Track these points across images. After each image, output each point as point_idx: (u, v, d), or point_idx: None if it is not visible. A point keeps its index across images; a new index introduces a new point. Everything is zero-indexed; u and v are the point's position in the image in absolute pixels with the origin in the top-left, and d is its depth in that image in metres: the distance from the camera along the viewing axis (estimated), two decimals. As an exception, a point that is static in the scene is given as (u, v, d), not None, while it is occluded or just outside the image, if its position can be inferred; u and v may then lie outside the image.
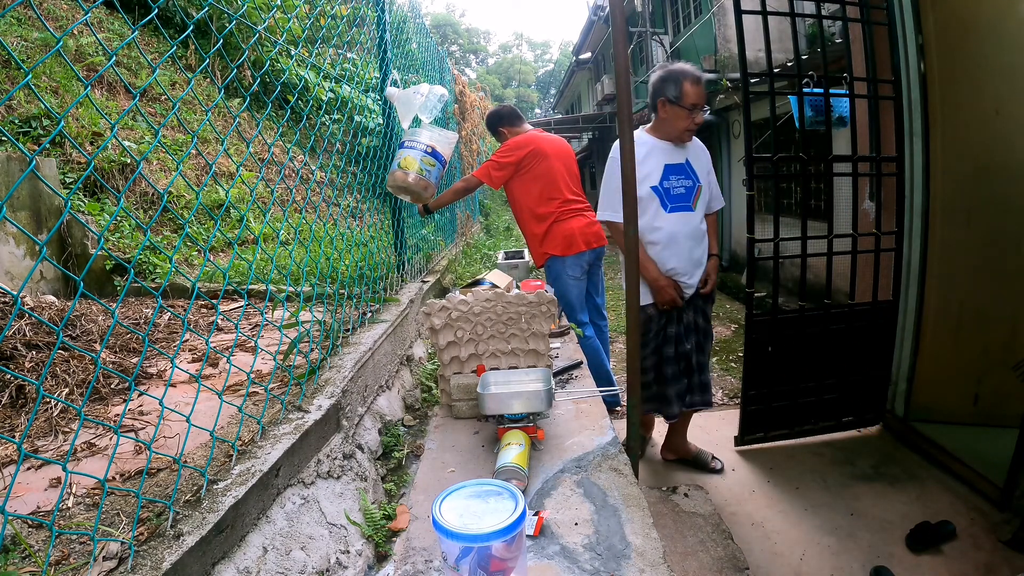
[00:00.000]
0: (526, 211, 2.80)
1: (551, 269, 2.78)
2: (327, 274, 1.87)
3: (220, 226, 2.78)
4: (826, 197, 2.47)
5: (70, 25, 3.67)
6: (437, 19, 42.25)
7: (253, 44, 4.12)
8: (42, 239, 1.35)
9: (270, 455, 0.97)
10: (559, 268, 2.73)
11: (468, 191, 2.95)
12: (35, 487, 0.95)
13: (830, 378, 2.54)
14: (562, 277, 2.72)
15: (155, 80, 3.11)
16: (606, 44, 14.54)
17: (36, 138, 2.96)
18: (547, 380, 1.30)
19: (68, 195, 0.75)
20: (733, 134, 8.19)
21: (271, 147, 1.65)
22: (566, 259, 2.71)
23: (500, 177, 2.74)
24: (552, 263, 2.76)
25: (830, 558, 1.89)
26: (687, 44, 9.31)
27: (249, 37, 4.56)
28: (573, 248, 2.69)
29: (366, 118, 3.98)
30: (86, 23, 0.91)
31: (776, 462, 2.49)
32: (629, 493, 1.06)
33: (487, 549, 0.70)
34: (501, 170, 2.72)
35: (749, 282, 2.42)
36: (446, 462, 1.23)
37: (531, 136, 2.79)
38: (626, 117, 1.42)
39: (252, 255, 2.80)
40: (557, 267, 2.74)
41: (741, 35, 2.25)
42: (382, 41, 2.41)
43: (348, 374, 1.36)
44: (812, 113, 2.64)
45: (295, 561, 0.91)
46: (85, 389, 1.30)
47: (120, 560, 0.73)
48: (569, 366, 1.79)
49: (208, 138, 3.94)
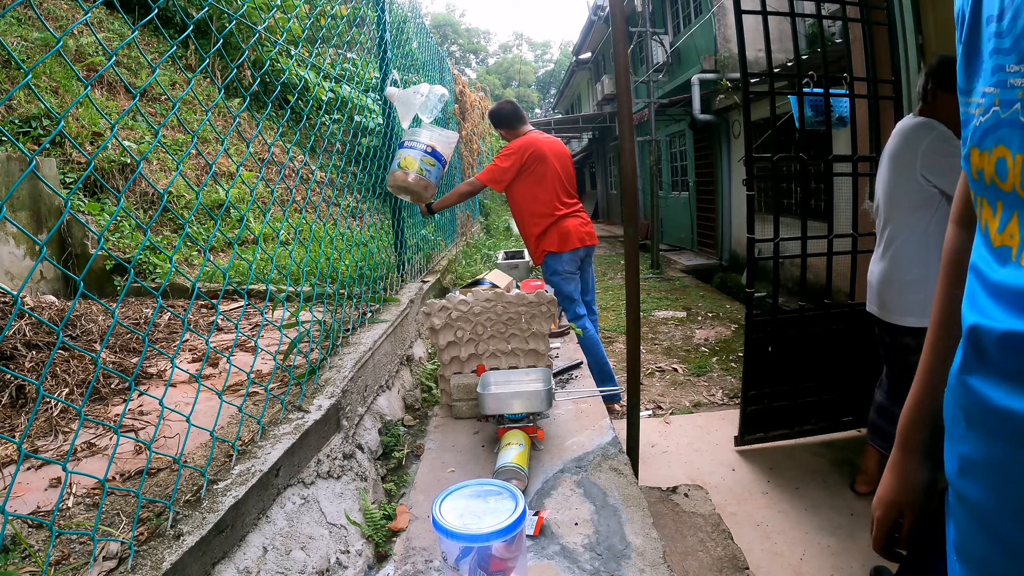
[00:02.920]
0: (525, 212, 2.91)
1: (548, 265, 2.91)
2: (327, 274, 1.87)
3: (220, 226, 2.78)
4: (826, 197, 2.47)
5: (70, 25, 3.67)
6: (437, 19, 42.26)
7: (253, 44, 4.12)
8: (42, 239, 1.35)
9: (270, 455, 0.97)
10: (556, 264, 2.87)
11: (472, 194, 3.05)
12: (35, 487, 0.95)
13: (830, 378, 2.54)
14: (559, 272, 2.86)
15: (155, 80, 3.11)
16: (606, 44, 14.54)
17: (36, 138, 2.96)
18: (547, 380, 1.30)
19: (68, 195, 0.75)
20: (733, 134, 8.19)
21: (271, 147, 1.65)
22: (562, 255, 2.86)
23: (504, 180, 2.84)
24: (549, 259, 2.90)
25: (830, 558, 1.89)
26: (687, 44, 9.31)
27: (249, 37, 4.56)
28: (568, 245, 2.85)
29: (366, 118, 3.98)
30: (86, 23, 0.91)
31: (776, 462, 2.49)
32: (629, 493, 1.06)
33: (487, 549, 0.70)
34: (504, 174, 2.82)
35: (749, 282, 2.42)
36: (446, 462, 1.23)
37: (531, 139, 2.84)
38: (626, 117, 1.42)
39: (252, 255, 2.80)
40: (554, 263, 2.88)
41: (741, 35, 2.25)
42: (382, 41, 2.41)
43: (348, 374, 1.36)
44: (812, 113, 2.65)
45: (295, 561, 0.91)
46: (85, 389, 1.30)
47: (120, 560, 0.73)
48: (569, 366, 1.79)
49: (208, 138, 3.94)
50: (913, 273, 1.84)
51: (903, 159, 1.81)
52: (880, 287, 1.95)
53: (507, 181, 2.83)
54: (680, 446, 2.73)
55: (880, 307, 1.95)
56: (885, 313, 1.93)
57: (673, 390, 3.55)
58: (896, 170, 1.85)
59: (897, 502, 0.72)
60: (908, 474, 0.71)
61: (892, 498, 0.72)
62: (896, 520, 0.72)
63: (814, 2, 2.38)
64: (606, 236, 13.23)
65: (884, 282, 1.93)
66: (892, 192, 1.87)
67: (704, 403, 3.32)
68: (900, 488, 0.72)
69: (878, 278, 1.96)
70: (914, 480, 0.71)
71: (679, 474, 2.47)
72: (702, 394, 3.45)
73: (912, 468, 0.72)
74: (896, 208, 1.87)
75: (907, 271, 1.85)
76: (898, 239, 1.88)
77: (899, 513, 0.72)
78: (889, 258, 1.91)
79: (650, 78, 9.09)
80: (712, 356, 4.16)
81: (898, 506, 0.72)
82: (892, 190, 1.87)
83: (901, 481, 0.72)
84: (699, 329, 4.96)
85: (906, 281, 1.86)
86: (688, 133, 9.78)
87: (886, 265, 1.92)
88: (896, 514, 0.72)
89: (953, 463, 0.53)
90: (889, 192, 1.88)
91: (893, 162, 1.86)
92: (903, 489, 0.72)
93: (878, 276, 1.96)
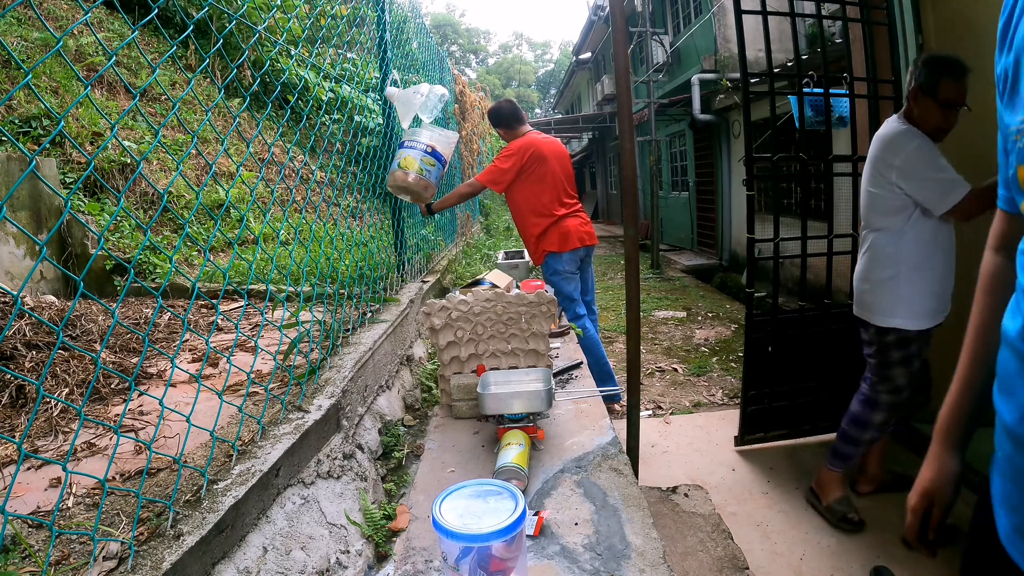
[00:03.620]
0: (526, 212, 2.91)
1: (548, 265, 2.91)
2: (327, 274, 1.87)
3: (220, 226, 2.78)
4: (826, 197, 2.47)
5: (70, 25, 3.67)
6: (437, 19, 42.26)
7: (253, 44, 4.12)
8: (42, 239, 1.35)
9: (270, 455, 0.97)
10: (556, 264, 2.87)
11: (472, 195, 3.07)
12: (35, 487, 0.95)
13: (830, 378, 2.54)
14: (559, 272, 2.86)
15: (155, 80, 3.11)
16: (606, 44, 14.54)
17: (36, 138, 2.96)
18: (547, 380, 1.30)
19: (68, 195, 0.75)
20: (733, 134, 8.19)
21: (271, 147, 1.65)
22: (562, 255, 2.86)
23: (504, 181, 2.85)
24: (549, 259, 2.90)
25: (830, 558, 1.89)
26: (687, 44, 9.32)
27: (249, 37, 4.56)
28: (569, 244, 2.85)
29: (366, 118, 3.98)
30: (86, 23, 0.91)
31: (776, 462, 2.49)
32: (629, 493, 1.06)
33: (487, 549, 0.70)
34: (504, 175, 2.82)
35: (749, 282, 2.42)
36: (446, 462, 1.23)
37: (531, 139, 2.85)
38: (626, 117, 1.42)
39: (252, 255, 2.80)
40: (554, 263, 2.88)
41: (741, 35, 2.25)
42: (382, 41, 2.41)
43: (348, 374, 1.36)
44: (812, 113, 2.64)
45: (295, 561, 0.91)
46: (85, 389, 1.30)
47: (120, 560, 0.73)
48: (569, 366, 1.79)
49: (208, 138, 3.94)
50: (884, 273, 1.87)
51: (879, 165, 1.83)
52: (856, 284, 2.00)
53: (507, 182, 2.84)
54: (680, 446, 2.73)
55: (856, 304, 2.00)
56: (860, 310, 1.98)
57: (673, 390, 3.55)
58: (872, 175, 1.87)
59: (931, 491, 0.80)
60: (944, 465, 0.80)
61: (928, 487, 0.80)
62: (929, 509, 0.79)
63: (814, 2, 2.38)
64: (606, 236, 13.23)
65: (859, 279, 1.99)
66: (867, 195, 1.91)
67: (704, 403, 3.32)
68: (937, 478, 0.80)
69: (855, 276, 2.02)
70: (948, 472, 0.79)
71: (679, 474, 2.47)
72: (702, 394, 3.45)
73: (948, 460, 0.80)
74: (872, 211, 1.90)
75: (879, 271, 1.89)
76: (872, 240, 1.92)
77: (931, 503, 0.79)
78: (866, 258, 1.95)
79: (650, 78, 9.09)
80: (712, 356, 4.16)
81: (931, 495, 0.80)
82: (868, 193, 1.90)
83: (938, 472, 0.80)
84: (699, 329, 4.96)
85: (878, 279, 1.89)
86: (688, 133, 9.78)
87: (862, 264, 1.97)
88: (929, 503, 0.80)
89: (1015, 412, 0.60)
90: (865, 194, 1.92)
91: (871, 165, 1.88)
92: (939, 479, 0.80)
93: (856, 274, 2.02)
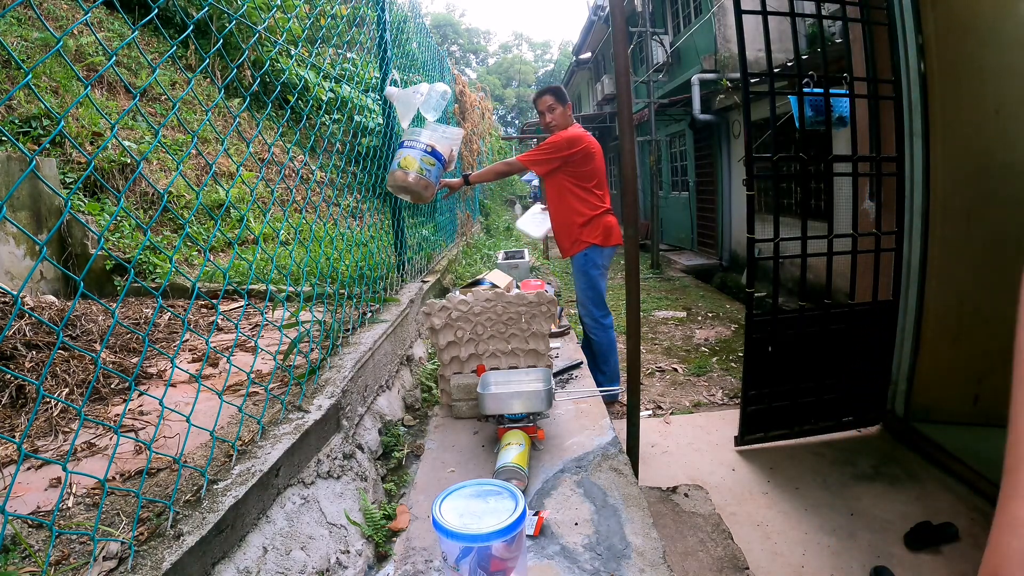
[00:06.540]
0: (572, 197, 2.81)
1: (589, 258, 2.84)
2: (327, 274, 1.87)
3: (220, 226, 2.78)
4: (826, 197, 2.47)
5: (70, 25, 3.67)
6: (437, 19, 42.25)
7: (253, 44, 4.12)
8: (42, 239, 1.35)
9: (270, 455, 0.97)
10: (597, 257, 2.82)
11: (507, 174, 3.00)
12: (35, 487, 0.95)
13: (830, 378, 2.54)
14: (600, 266, 2.83)
15: (155, 80, 3.11)
16: (606, 44, 14.53)
17: (36, 138, 2.96)
18: (547, 380, 1.30)
19: (68, 195, 0.75)
20: (733, 134, 8.19)
21: (271, 147, 1.65)
22: (604, 249, 2.83)
23: (546, 168, 2.79)
24: (591, 252, 2.83)
25: (830, 558, 1.89)
26: (687, 44, 9.31)
27: (249, 37, 4.56)
28: (612, 240, 2.82)
29: (366, 118, 3.98)
30: (86, 23, 0.91)
31: (776, 462, 2.49)
32: (629, 493, 1.06)
33: (487, 549, 0.70)
34: (549, 163, 2.76)
35: (749, 282, 2.42)
36: (446, 462, 1.23)
37: (582, 134, 2.79)
38: (626, 117, 1.42)
39: (252, 255, 2.80)
40: (596, 256, 2.82)
41: (741, 35, 2.25)
42: (382, 41, 2.41)
43: (348, 374, 1.36)
44: (812, 113, 2.64)
45: (295, 561, 0.91)
46: (85, 389, 1.30)
47: (120, 560, 0.73)
48: (569, 366, 1.79)
49: (208, 138, 3.94)
50: None
51: None
52: None
53: (549, 169, 2.77)
54: (680, 446, 2.73)
55: None
56: None
57: (673, 390, 3.55)
58: None
59: None
60: None
61: None
62: None
63: (814, 2, 2.38)
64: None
65: None
66: None
67: (704, 403, 3.32)
68: None
69: None
70: None
71: (679, 474, 2.46)
72: (702, 394, 3.45)
73: None
74: None
75: None
76: None
77: None
78: None
79: (650, 78, 9.09)
80: (712, 356, 4.16)
81: None
82: None
83: None
84: (699, 329, 4.96)
85: None
86: (688, 133, 9.78)
87: None
88: None
89: None
90: None
91: None
92: None
93: None
